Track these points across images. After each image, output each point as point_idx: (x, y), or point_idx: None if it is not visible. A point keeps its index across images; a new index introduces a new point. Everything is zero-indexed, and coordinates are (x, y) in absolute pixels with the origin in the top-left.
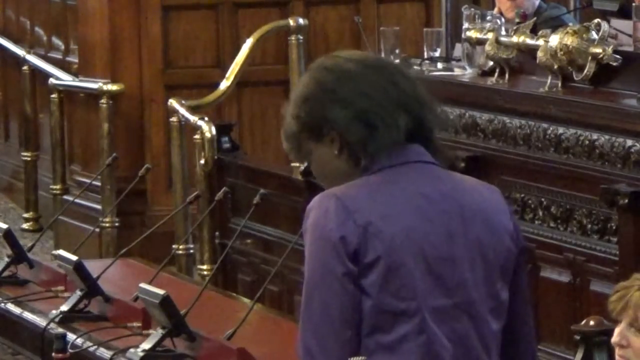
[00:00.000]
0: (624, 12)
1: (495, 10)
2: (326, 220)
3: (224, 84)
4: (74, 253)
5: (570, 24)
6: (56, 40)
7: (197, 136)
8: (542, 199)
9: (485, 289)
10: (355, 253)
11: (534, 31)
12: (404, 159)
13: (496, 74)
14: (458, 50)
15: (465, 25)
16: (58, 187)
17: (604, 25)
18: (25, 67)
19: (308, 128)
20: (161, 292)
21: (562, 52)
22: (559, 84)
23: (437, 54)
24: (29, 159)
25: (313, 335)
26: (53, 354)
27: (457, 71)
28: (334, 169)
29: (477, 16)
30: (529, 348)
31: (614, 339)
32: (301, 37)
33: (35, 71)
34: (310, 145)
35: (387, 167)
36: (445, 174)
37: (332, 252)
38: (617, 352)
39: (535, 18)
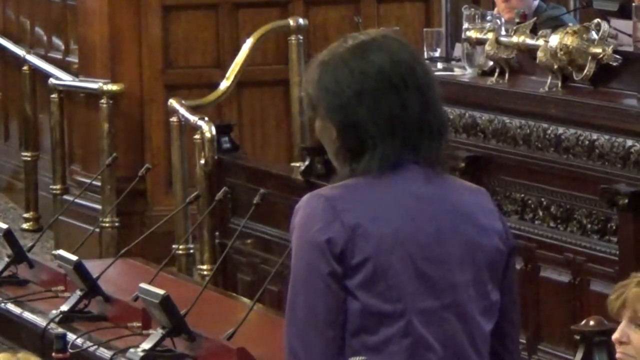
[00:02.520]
0: (624, 12)
1: (495, 11)
2: (313, 220)
3: (224, 84)
4: (74, 253)
5: (570, 24)
6: (56, 40)
7: (197, 136)
8: (542, 199)
9: (475, 289)
10: (341, 254)
11: (534, 31)
12: (394, 161)
13: (496, 74)
14: (458, 50)
15: (465, 25)
16: (58, 187)
17: (604, 25)
18: (25, 67)
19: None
20: (161, 292)
21: (562, 52)
22: (559, 84)
23: (437, 54)
24: (29, 159)
25: (297, 335)
26: (53, 354)
27: (457, 71)
28: (330, 148)
29: (477, 16)
30: (514, 349)
31: (615, 335)
32: (301, 37)
33: (35, 71)
34: (321, 112)
35: (376, 169)
36: (433, 175)
37: (317, 252)
38: (618, 349)
39: (535, 18)
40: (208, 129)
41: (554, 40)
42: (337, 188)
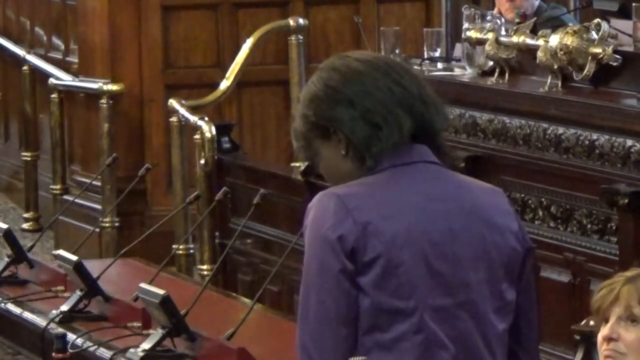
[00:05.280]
0: (624, 12)
1: (495, 11)
2: (325, 218)
3: (224, 84)
4: (74, 253)
5: (570, 24)
6: (56, 40)
7: (197, 136)
8: (542, 199)
9: (489, 288)
10: (352, 251)
11: (534, 31)
12: (407, 159)
13: (496, 74)
14: (458, 50)
15: (465, 25)
16: (58, 187)
17: (604, 25)
18: (25, 67)
19: (316, 127)
20: (161, 292)
21: (562, 52)
22: (559, 84)
23: (437, 54)
24: (29, 159)
25: (309, 333)
26: (53, 354)
27: (457, 71)
28: (341, 168)
29: (477, 16)
30: (532, 349)
31: (605, 332)
32: (301, 37)
33: (35, 71)
34: (318, 144)
35: (390, 166)
36: (448, 174)
37: (329, 250)
38: (606, 346)
39: (535, 18)
40: (208, 129)
41: (554, 40)
42: (349, 186)
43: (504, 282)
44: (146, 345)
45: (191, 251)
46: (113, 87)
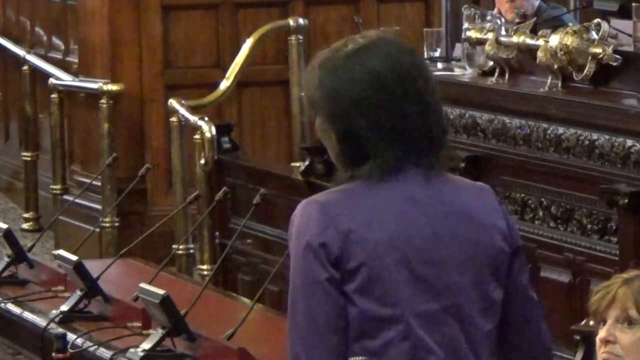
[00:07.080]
0: (624, 12)
1: (495, 11)
2: (308, 226)
3: (224, 84)
4: (74, 253)
5: (570, 24)
6: (56, 40)
7: (197, 136)
8: (542, 199)
9: (476, 290)
10: (337, 260)
11: (534, 31)
12: (392, 164)
13: (496, 74)
14: (458, 50)
15: (465, 25)
16: (58, 187)
17: (604, 25)
18: (25, 67)
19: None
20: (161, 292)
21: (562, 52)
22: (559, 84)
23: (437, 54)
24: (29, 159)
25: (300, 342)
26: (53, 354)
27: (457, 71)
28: (331, 150)
29: (477, 16)
30: (538, 345)
31: (602, 335)
32: (301, 37)
33: (35, 71)
34: (322, 117)
35: (375, 173)
36: (433, 177)
37: (314, 258)
38: (603, 349)
39: (535, 18)
40: (208, 129)
41: (554, 40)
42: (333, 193)
43: (490, 282)
44: (146, 345)
45: (191, 251)
46: (113, 87)
